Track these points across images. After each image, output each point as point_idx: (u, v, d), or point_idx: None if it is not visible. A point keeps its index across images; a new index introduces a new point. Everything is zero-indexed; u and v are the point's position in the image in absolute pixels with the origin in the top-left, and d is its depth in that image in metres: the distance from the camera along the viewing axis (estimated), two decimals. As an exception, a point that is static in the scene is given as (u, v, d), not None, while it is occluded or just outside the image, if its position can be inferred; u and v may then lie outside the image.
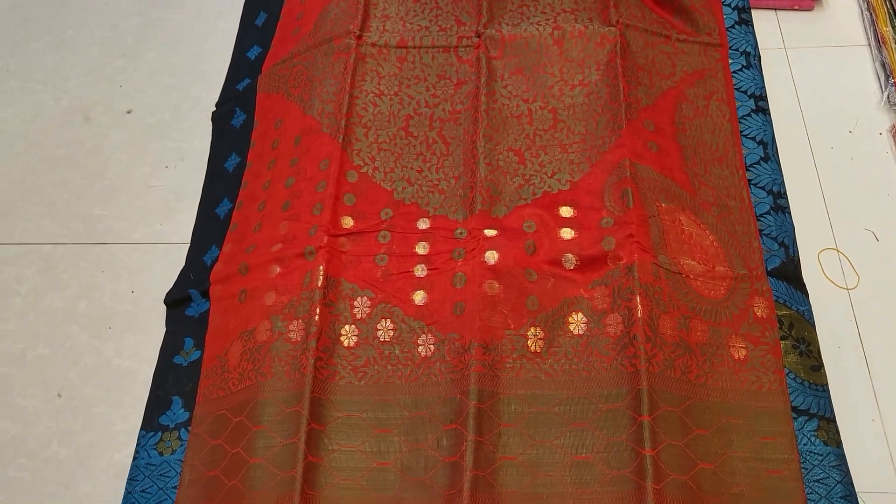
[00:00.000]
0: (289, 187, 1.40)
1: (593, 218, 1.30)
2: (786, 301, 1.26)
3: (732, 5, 1.63)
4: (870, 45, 1.64)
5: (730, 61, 1.55)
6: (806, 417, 1.16)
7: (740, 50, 1.56)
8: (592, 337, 1.20)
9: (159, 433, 1.25)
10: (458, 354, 1.19)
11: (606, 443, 1.11)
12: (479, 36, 1.52)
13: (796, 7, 1.70)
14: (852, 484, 1.12)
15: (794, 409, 1.16)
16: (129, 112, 1.69)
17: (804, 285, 1.30)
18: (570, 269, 1.25)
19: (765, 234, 1.34)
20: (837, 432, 1.16)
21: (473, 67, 1.49)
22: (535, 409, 1.15)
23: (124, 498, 1.20)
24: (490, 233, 1.29)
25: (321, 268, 1.26)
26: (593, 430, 1.13)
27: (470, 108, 1.45)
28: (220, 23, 1.82)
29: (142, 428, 1.26)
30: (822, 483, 1.11)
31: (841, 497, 1.10)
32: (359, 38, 1.53)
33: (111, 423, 1.30)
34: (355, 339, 1.23)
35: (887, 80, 1.55)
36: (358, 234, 1.32)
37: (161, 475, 1.20)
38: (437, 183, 1.38)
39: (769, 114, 1.49)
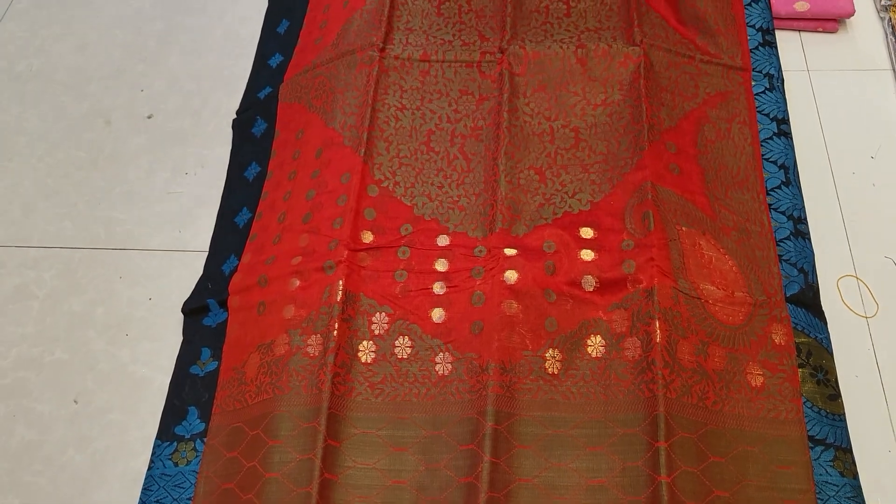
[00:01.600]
0: (309, 199, 1.40)
1: (614, 240, 1.29)
2: (804, 328, 1.26)
3: (757, 27, 1.62)
4: (894, 69, 1.63)
5: (753, 83, 1.54)
6: (822, 447, 1.16)
7: (763, 72, 1.56)
8: (610, 360, 1.20)
9: (175, 443, 1.25)
10: (476, 374, 1.19)
11: (622, 468, 1.11)
12: (502, 52, 1.52)
13: (820, 29, 1.69)
14: (868, 516, 1.12)
15: (811, 438, 1.16)
16: (149, 117, 1.69)
17: (823, 313, 1.30)
18: (590, 291, 1.25)
19: (784, 260, 1.33)
20: (854, 463, 1.16)
21: (496, 83, 1.49)
22: (552, 432, 1.15)
23: (138, 507, 1.21)
24: (510, 252, 1.29)
25: (340, 282, 1.26)
26: (609, 454, 1.13)
27: (492, 124, 1.45)
28: (242, 29, 1.82)
29: (157, 437, 1.26)
30: (838, 515, 1.11)
31: (857, 530, 1.10)
32: (382, 50, 1.53)
33: (127, 431, 1.30)
34: (373, 355, 1.23)
35: (911, 106, 1.54)
36: (377, 249, 1.32)
37: (176, 486, 1.21)
38: (457, 199, 1.38)
39: (791, 137, 1.49)
